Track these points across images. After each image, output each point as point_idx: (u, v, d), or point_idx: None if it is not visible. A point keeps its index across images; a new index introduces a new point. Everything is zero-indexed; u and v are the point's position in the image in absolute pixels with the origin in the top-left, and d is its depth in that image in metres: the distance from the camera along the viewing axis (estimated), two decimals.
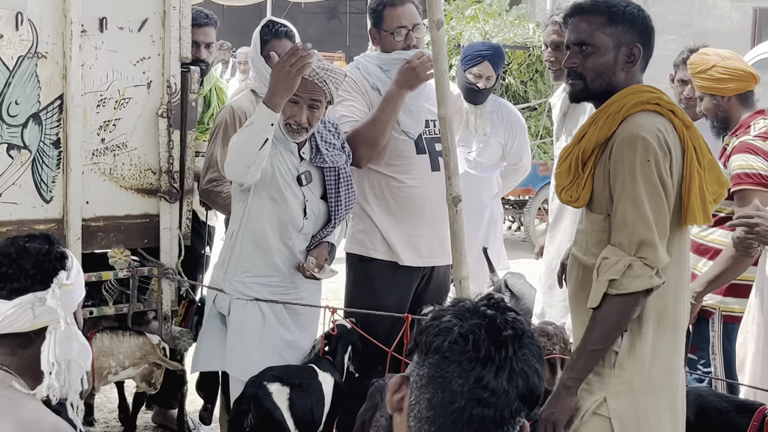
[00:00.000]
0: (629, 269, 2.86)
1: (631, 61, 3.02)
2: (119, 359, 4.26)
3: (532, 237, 11.09)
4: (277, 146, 3.94)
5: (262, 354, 3.96)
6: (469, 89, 5.60)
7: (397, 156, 4.36)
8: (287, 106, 3.83)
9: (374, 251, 4.40)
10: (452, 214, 3.84)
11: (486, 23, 11.32)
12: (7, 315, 2.30)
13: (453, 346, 1.65)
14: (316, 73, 3.82)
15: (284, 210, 3.96)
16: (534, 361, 1.68)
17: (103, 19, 4.14)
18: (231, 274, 4.05)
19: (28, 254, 2.36)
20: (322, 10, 26.40)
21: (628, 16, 3.01)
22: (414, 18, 4.37)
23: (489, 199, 5.89)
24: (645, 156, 2.86)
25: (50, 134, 4.08)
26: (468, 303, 1.73)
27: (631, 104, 2.95)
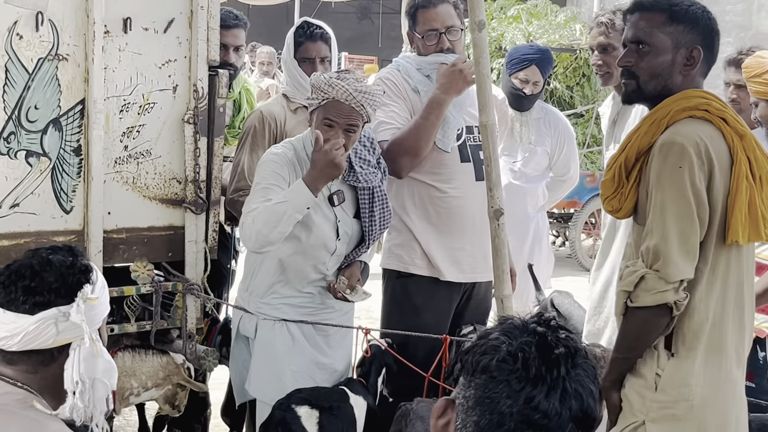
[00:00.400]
0: (642, 282, 2.91)
1: (690, 64, 3.02)
2: (141, 380, 4.27)
3: (577, 253, 11.05)
4: (307, 163, 3.91)
5: (293, 377, 3.97)
6: (514, 95, 5.59)
7: (439, 164, 4.35)
8: (323, 129, 3.79)
9: (413, 266, 4.40)
10: (494, 227, 3.84)
11: (530, 24, 11.30)
12: (29, 330, 2.32)
13: (501, 365, 1.64)
14: (353, 97, 3.76)
15: (316, 233, 3.93)
16: (588, 382, 1.67)
17: (127, 20, 4.17)
18: (257, 297, 4.06)
19: (52, 267, 2.38)
20: (353, 10, 26.48)
21: (691, 16, 3.01)
22: (447, 20, 4.37)
23: (534, 211, 5.88)
24: (677, 163, 2.88)
25: (71, 141, 4.12)
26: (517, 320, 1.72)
27: (677, 110, 2.96)
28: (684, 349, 2.96)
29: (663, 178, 2.90)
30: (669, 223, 2.89)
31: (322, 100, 3.80)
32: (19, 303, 2.34)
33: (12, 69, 3.94)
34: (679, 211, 2.88)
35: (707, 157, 2.88)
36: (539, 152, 5.74)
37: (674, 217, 2.88)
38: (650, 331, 2.96)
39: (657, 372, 2.97)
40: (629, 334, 3.01)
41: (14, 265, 2.41)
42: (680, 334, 2.97)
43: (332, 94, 3.77)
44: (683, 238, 2.89)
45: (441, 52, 4.35)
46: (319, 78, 3.82)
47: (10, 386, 2.35)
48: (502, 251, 3.85)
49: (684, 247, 2.89)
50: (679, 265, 2.88)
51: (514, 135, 5.69)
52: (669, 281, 2.88)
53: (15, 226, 4.04)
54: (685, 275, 2.90)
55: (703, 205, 2.90)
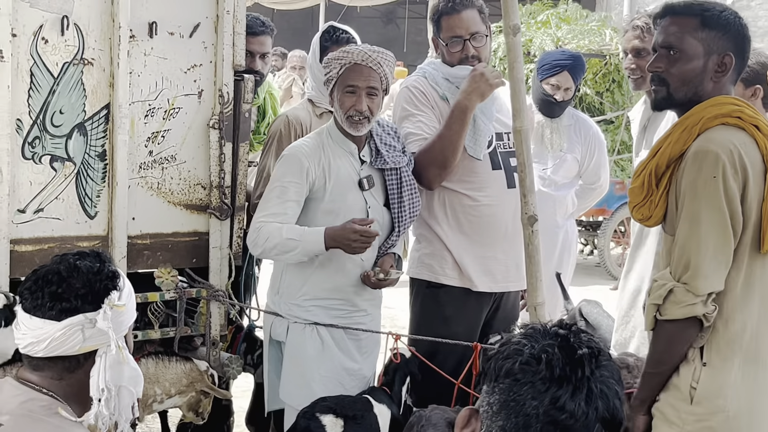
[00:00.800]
0: (671, 294, 2.91)
1: (722, 71, 3.01)
2: (165, 387, 4.29)
3: (606, 262, 11.00)
4: (336, 149, 4.02)
5: (321, 383, 4.00)
6: (545, 101, 5.58)
7: (470, 172, 4.33)
8: (345, 98, 3.95)
9: (444, 277, 4.37)
10: (527, 234, 3.82)
11: (559, 29, 11.27)
12: (55, 337, 2.34)
13: (525, 368, 1.65)
14: (369, 56, 3.95)
15: (344, 219, 3.99)
16: (614, 383, 1.67)
17: (152, 24, 4.19)
18: (287, 298, 4.10)
19: (79, 273, 2.39)
20: (378, 14, 26.51)
21: (723, 22, 3.00)
22: (472, 26, 4.33)
23: (563, 220, 5.86)
24: (711, 172, 2.86)
25: (96, 146, 4.15)
26: (538, 325, 1.73)
27: (709, 117, 2.94)
28: (719, 360, 2.95)
29: (697, 188, 2.88)
30: (702, 234, 2.87)
31: (340, 68, 3.95)
32: (45, 309, 2.35)
33: (37, 73, 3.97)
34: (713, 221, 2.87)
35: (741, 165, 2.86)
36: (569, 159, 5.72)
37: (707, 228, 2.87)
38: (679, 343, 2.96)
39: (692, 384, 2.95)
40: (659, 347, 3.01)
41: (41, 270, 2.42)
42: (715, 344, 2.95)
43: (349, 58, 3.95)
44: (716, 250, 2.88)
45: (466, 58, 4.32)
46: (331, 53, 4.04)
47: (35, 392, 2.36)
48: (536, 258, 3.83)
49: (716, 258, 2.88)
50: (708, 278, 2.88)
51: (545, 141, 5.67)
52: (698, 294, 2.88)
53: (39, 231, 4.07)
54: (714, 288, 2.89)
55: (736, 215, 2.88)
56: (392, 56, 4.06)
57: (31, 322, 2.36)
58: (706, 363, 2.94)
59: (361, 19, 25.22)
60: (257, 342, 4.83)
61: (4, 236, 3.96)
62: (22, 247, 4.03)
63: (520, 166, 3.83)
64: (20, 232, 4.02)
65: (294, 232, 3.91)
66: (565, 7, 11.93)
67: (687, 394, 2.96)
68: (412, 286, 4.52)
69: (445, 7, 4.34)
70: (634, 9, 14.40)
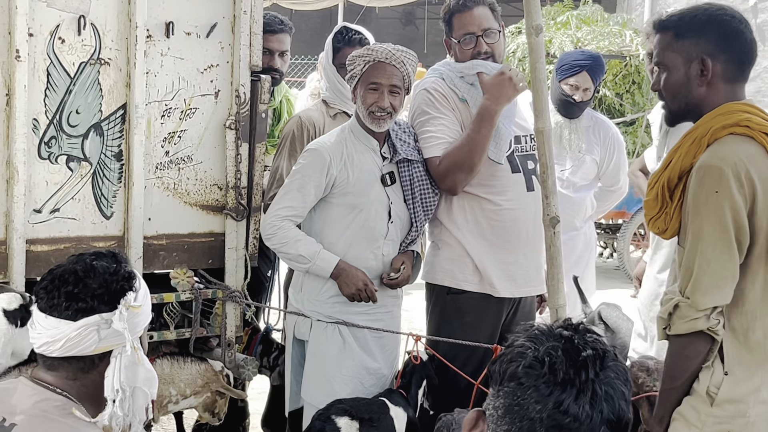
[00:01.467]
0: (677, 309, 2.93)
1: (705, 75, 2.99)
2: (180, 387, 4.29)
3: (626, 264, 10.97)
4: (358, 146, 4.08)
5: (343, 382, 4.04)
6: (563, 101, 5.56)
7: (490, 176, 4.30)
8: (368, 95, 4.02)
9: (466, 283, 4.33)
10: (549, 236, 3.80)
11: (579, 30, 11.24)
12: (71, 337, 2.34)
13: (528, 371, 1.65)
14: (393, 54, 4.02)
15: (367, 216, 4.06)
16: (619, 384, 1.66)
17: (169, 24, 4.21)
18: (310, 295, 4.14)
19: (96, 273, 2.40)
20: (397, 15, 26.52)
21: (695, 27, 3.00)
22: (484, 22, 4.31)
23: (582, 222, 5.83)
24: (713, 187, 2.86)
25: (112, 146, 4.16)
26: (542, 326, 1.72)
27: (717, 128, 2.93)
28: (741, 370, 2.95)
29: (699, 204, 2.89)
30: (704, 249, 2.89)
31: (364, 65, 4.02)
32: (61, 309, 2.36)
33: (54, 73, 3.99)
34: (715, 237, 2.87)
35: (747, 178, 2.85)
36: (588, 161, 5.69)
37: (709, 243, 2.88)
38: (690, 358, 2.97)
39: (713, 389, 2.95)
40: (670, 361, 3.03)
41: (58, 269, 2.43)
42: (736, 355, 2.95)
43: (373, 56, 4.02)
44: (717, 265, 2.88)
45: (479, 55, 4.30)
46: (357, 51, 4.11)
47: (49, 392, 2.37)
48: (558, 260, 3.81)
49: (718, 274, 2.89)
50: (708, 293, 2.89)
51: (563, 142, 5.64)
52: (699, 309, 2.89)
53: (55, 231, 4.09)
54: (715, 303, 2.90)
55: (742, 230, 2.87)
56: (415, 56, 4.11)
57: (47, 322, 2.36)
58: (727, 372, 2.94)
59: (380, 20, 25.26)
60: (273, 344, 4.83)
61: (20, 236, 3.98)
62: (38, 247, 4.05)
63: (542, 167, 3.81)
64: (36, 232, 4.05)
65: (308, 250, 4.04)
66: (586, 9, 11.90)
67: (708, 397, 2.96)
68: (431, 291, 4.48)
69: (456, 5, 4.33)
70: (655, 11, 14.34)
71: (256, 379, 4.77)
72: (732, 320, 2.97)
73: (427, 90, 4.34)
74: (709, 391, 2.95)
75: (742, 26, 3.00)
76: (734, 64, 3.00)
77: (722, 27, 2.99)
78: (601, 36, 11.15)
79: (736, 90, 3.03)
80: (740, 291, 2.94)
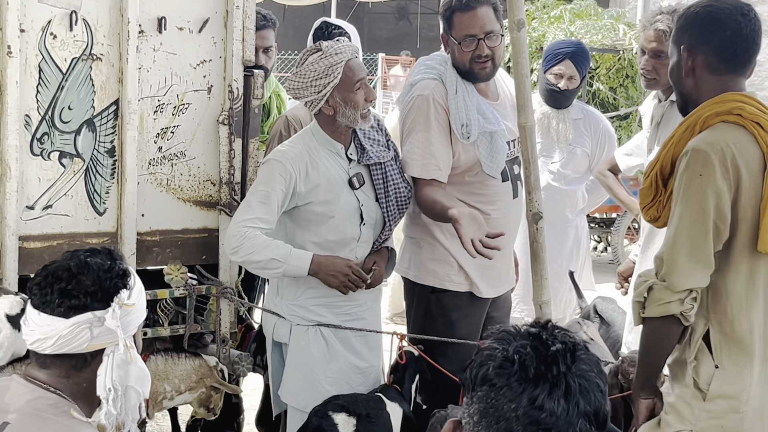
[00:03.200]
0: (650, 292, 2.95)
1: (686, 66, 3.05)
2: (174, 383, 4.29)
3: (620, 258, 10.97)
4: (321, 151, 3.98)
5: (329, 383, 3.99)
6: (549, 91, 5.55)
7: (482, 184, 4.23)
8: (358, 95, 3.91)
9: (450, 283, 4.29)
10: (533, 232, 3.80)
11: (572, 24, 11.25)
12: (63, 334, 2.33)
13: (499, 371, 1.64)
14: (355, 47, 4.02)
15: (339, 222, 3.96)
16: (593, 376, 1.66)
17: (161, 19, 4.20)
18: (288, 299, 4.07)
19: (89, 270, 2.39)
20: (390, 10, 26.52)
21: (683, 19, 3.09)
22: (487, 25, 4.11)
23: (573, 215, 5.83)
24: (697, 170, 2.88)
25: (104, 142, 4.15)
26: (510, 328, 1.72)
27: (708, 115, 2.96)
28: (730, 362, 2.96)
29: (682, 185, 2.92)
30: (680, 230, 2.90)
31: (340, 69, 3.87)
32: (54, 305, 2.35)
33: (46, 69, 3.98)
34: (693, 219, 2.89)
35: (733, 164, 2.86)
36: (579, 153, 5.69)
37: (686, 225, 2.90)
38: (663, 340, 3.02)
39: (705, 384, 2.96)
40: (645, 342, 3.07)
41: (51, 266, 2.42)
42: (725, 346, 2.96)
43: (344, 57, 3.89)
44: (693, 247, 2.89)
45: (479, 58, 4.12)
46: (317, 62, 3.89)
47: (42, 390, 2.36)
48: (542, 256, 3.80)
49: (693, 255, 2.90)
50: (684, 274, 2.90)
51: (551, 133, 5.63)
52: (674, 290, 2.90)
53: (48, 228, 4.08)
54: (690, 285, 2.91)
55: (722, 215, 2.88)
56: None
57: (40, 319, 2.35)
58: (718, 366, 2.95)
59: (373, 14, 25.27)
60: None
61: (12, 233, 3.97)
62: (31, 244, 4.04)
63: (524, 163, 3.79)
64: (29, 229, 4.04)
65: (279, 252, 3.83)
66: (579, 3, 11.90)
67: (700, 392, 2.97)
68: (412, 290, 4.42)
69: (459, 3, 4.12)
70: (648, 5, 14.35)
71: (251, 375, 4.77)
72: (717, 312, 2.98)
73: (426, 99, 4.16)
74: (700, 385, 2.96)
75: (725, 18, 3.01)
76: (714, 56, 3.03)
77: (702, 19, 3.04)
78: (594, 30, 11.16)
79: (729, 82, 3.03)
80: (724, 281, 2.96)
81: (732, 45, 3.01)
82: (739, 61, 3.04)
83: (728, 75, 3.04)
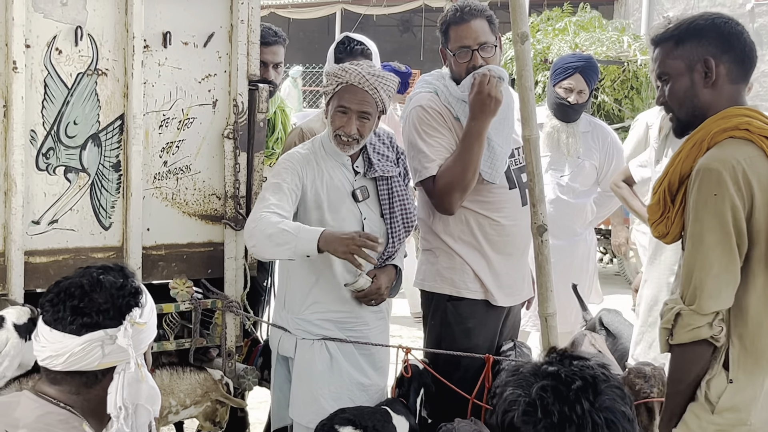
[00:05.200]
0: (679, 318, 2.92)
1: (710, 77, 2.99)
2: (180, 397, 4.28)
3: (626, 270, 10.97)
4: (328, 161, 4.00)
5: (331, 398, 3.97)
6: (559, 105, 5.56)
7: (488, 192, 4.27)
8: (336, 117, 3.92)
9: (466, 290, 4.31)
10: (537, 244, 3.80)
11: (577, 36, 11.26)
12: (74, 351, 2.33)
13: (525, 419, 1.65)
14: (366, 80, 3.89)
15: (341, 229, 3.93)
16: (619, 405, 1.66)
17: (166, 34, 4.21)
18: (294, 313, 4.07)
19: (102, 287, 2.39)
20: (395, 23, 26.55)
21: (694, 31, 3.01)
22: (481, 36, 4.20)
23: (582, 228, 5.83)
24: (712, 190, 2.85)
25: (110, 156, 4.16)
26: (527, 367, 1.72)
27: (716, 131, 2.93)
28: (745, 377, 2.94)
29: (698, 207, 2.89)
30: (705, 253, 2.88)
31: (336, 86, 3.91)
32: (66, 323, 2.35)
33: (51, 84, 3.99)
34: (716, 240, 2.86)
35: (745, 181, 2.85)
36: (587, 166, 5.70)
37: (711, 246, 2.87)
38: (693, 364, 2.98)
39: (715, 397, 2.94)
40: (674, 369, 3.03)
41: (64, 282, 2.42)
42: (741, 362, 2.94)
43: (345, 78, 3.89)
44: (720, 269, 2.88)
45: (474, 69, 4.19)
46: (333, 65, 3.99)
47: (52, 406, 2.36)
48: (546, 268, 3.81)
49: (721, 277, 2.88)
50: (713, 297, 2.88)
51: (561, 147, 5.64)
52: (702, 313, 2.88)
53: (54, 243, 4.08)
54: (720, 306, 2.90)
55: (741, 232, 2.87)
56: (394, 80, 3.99)
57: (51, 335, 2.35)
58: (732, 380, 2.94)
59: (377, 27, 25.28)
60: None
61: (18, 248, 3.97)
62: (37, 259, 4.05)
63: (529, 175, 3.80)
64: (34, 244, 4.04)
65: (291, 225, 3.79)
66: (584, 15, 11.91)
67: (709, 404, 2.96)
68: (429, 299, 4.44)
69: (453, 16, 4.24)
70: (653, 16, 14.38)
71: (257, 388, 4.76)
72: (738, 327, 2.96)
73: (422, 107, 4.25)
74: (710, 398, 2.95)
75: (740, 28, 3.01)
76: (737, 64, 3.00)
77: (721, 29, 3.00)
78: (599, 42, 11.17)
79: (740, 92, 3.02)
80: (743, 297, 2.94)
81: (750, 53, 3.02)
82: (751, 70, 3.04)
83: (742, 84, 3.03)
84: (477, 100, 4.10)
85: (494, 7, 4.37)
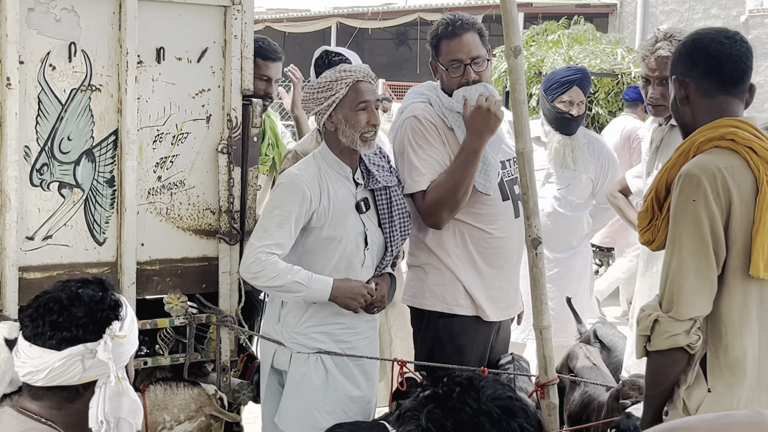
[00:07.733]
0: (656, 325, 2.94)
1: (685, 95, 3.10)
2: (174, 413, 4.27)
3: None
4: (331, 175, 4.00)
5: (326, 412, 3.97)
6: (560, 119, 5.57)
7: (481, 204, 4.26)
8: (360, 115, 3.94)
9: (458, 307, 4.28)
10: (532, 257, 3.79)
11: (570, 48, 11.28)
12: (55, 366, 2.33)
13: None
14: (366, 72, 4.03)
15: (345, 246, 3.98)
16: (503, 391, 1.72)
17: (160, 50, 4.21)
18: (290, 326, 4.06)
19: (81, 301, 2.38)
20: (390, 36, 26.62)
21: (676, 53, 3.16)
22: (473, 50, 4.20)
23: (579, 241, 5.83)
24: (690, 195, 2.89)
25: (104, 172, 4.15)
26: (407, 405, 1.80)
27: (702, 140, 2.99)
28: (723, 386, 2.96)
29: (677, 212, 2.93)
30: (683, 258, 2.90)
31: (345, 88, 3.93)
32: (46, 338, 2.34)
33: (45, 100, 3.99)
34: (694, 246, 2.89)
35: (724, 188, 2.87)
36: (583, 179, 5.70)
37: (689, 252, 2.90)
38: (669, 369, 3.01)
39: (696, 407, 2.95)
40: (652, 374, 3.07)
41: (43, 297, 2.41)
42: (718, 371, 2.96)
43: (353, 77, 3.95)
44: (698, 274, 2.89)
45: (466, 83, 4.19)
46: (326, 74, 3.98)
47: (34, 422, 2.35)
48: (541, 281, 3.80)
49: (698, 282, 2.90)
50: (691, 302, 2.90)
51: (567, 161, 5.64)
52: (680, 319, 2.90)
53: (48, 258, 4.07)
54: (697, 312, 2.92)
55: (719, 240, 2.89)
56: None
57: (31, 351, 2.35)
58: (710, 389, 2.95)
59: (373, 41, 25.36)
60: None
61: (12, 263, 3.96)
62: (31, 275, 4.04)
63: (523, 188, 3.79)
64: (29, 260, 4.03)
65: (301, 275, 3.87)
66: (578, 27, 11.94)
67: (686, 414, 2.96)
68: (419, 316, 4.41)
69: (445, 30, 4.22)
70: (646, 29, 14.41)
71: (253, 403, 4.74)
72: (713, 336, 2.98)
73: (416, 118, 4.23)
74: (689, 408, 2.96)
75: (708, 41, 3.06)
76: (703, 79, 3.06)
77: (688, 48, 3.11)
78: (593, 54, 11.19)
79: (722, 104, 3.05)
80: (718, 306, 2.95)
81: (719, 65, 3.04)
82: (729, 80, 3.05)
83: (721, 97, 3.05)
84: (477, 115, 4.09)
85: (489, 20, 4.37)
